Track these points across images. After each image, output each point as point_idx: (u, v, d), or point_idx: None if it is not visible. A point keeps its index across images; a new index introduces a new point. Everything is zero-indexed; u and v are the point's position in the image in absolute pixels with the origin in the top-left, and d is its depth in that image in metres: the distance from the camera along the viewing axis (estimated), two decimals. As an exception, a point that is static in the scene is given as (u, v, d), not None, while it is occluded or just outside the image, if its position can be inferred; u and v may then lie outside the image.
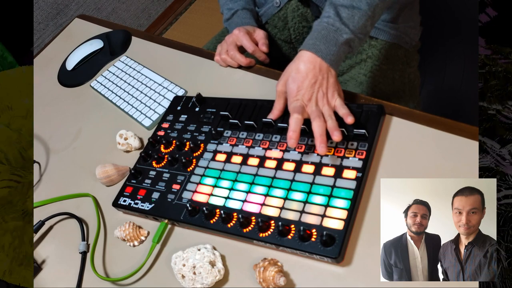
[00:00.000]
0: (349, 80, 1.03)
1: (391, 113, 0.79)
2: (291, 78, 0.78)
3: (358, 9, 0.79)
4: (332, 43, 0.78)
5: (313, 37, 0.79)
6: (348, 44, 0.79)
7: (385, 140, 0.76)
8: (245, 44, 0.97)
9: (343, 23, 0.78)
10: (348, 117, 0.73)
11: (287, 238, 0.68)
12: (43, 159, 1.03)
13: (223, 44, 1.01)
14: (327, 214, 0.68)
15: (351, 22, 0.78)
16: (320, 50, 0.77)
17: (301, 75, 0.77)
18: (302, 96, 0.76)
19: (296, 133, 0.73)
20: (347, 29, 0.78)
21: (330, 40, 0.78)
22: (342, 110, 0.75)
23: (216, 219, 0.74)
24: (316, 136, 0.72)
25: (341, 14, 0.78)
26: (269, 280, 0.64)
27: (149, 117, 0.99)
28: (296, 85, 0.77)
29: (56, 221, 0.90)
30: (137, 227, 0.81)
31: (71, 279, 0.80)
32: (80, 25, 1.38)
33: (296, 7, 1.02)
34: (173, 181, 0.82)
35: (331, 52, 0.77)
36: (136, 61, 1.14)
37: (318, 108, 0.75)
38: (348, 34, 0.78)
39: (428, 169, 0.70)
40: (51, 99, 1.18)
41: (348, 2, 0.79)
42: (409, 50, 1.07)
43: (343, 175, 0.71)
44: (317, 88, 0.76)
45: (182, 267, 0.70)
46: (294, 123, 0.73)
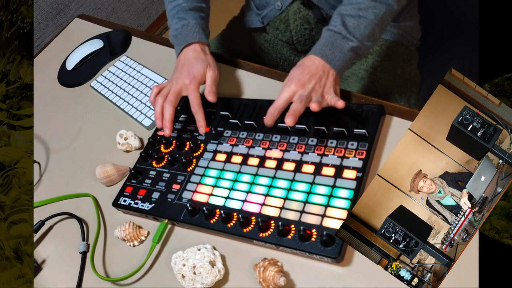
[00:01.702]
0: (350, 76, 1.04)
1: (391, 113, 0.79)
2: (294, 68, 0.80)
3: (365, 19, 0.80)
4: (338, 49, 0.79)
5: (320, 44, 0.81)
6: (355, 51, 0.80)
7: (385, 140, 0.76)
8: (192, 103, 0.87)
9: (349, 32, 0.80)
10: (338, 102, 0.74)
11: (287, 238, 0.68)
12: (43, 159, 1.03)
13: (165, 88, 0.90)
14: (327, 214, 0.68)
15: (357, 31, 0.80)
16: (326, 55, 0.79)
17: (305, 66, 0.79)
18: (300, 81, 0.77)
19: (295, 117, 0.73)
20: (353, 38, 0.79)
21: (336, 47, 0.79)
22: (334, 99, 0.75)
23: (216, 219, 0.74)
24: (290, 110, 0.74)
25: (347, 24, 0.80)
26: (269, 280, 0.64)
27: (149, 117, 0.99)
28: (297, 72, 0.78)
29: (56, 221, 0.90)
30: (137, 227, 0.81)
31: (71, 279, 0.80)
32: (80, 25, 1.38)
33: (297, 10, 1.02)
34: (173, 181, 0.82)
35: (336, 58, 0.79)
36: (136, 61, 1.14)
37: (307, 96, 0.76)
38: (354, 42, 0.79)
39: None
40: (51, 99, 1.18)
41: (354, 12, 0.80)
42: (410, 48, 1.08)
43: (343, 175, 0.71)
44: (316, 80, 0.77)
45: (182, 267, 0.70)
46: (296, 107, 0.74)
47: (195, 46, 0.93)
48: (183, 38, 0.94)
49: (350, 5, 0.82)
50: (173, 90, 0.88)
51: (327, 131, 0.77)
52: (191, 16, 0.97)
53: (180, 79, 0.89)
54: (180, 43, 0.94)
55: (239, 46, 1.22)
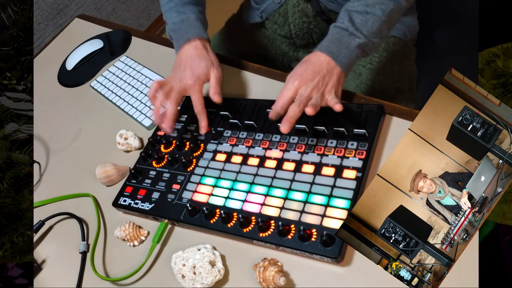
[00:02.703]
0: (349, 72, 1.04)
1: (391, 113, 0.79)
2: (299, 64, 0.79)
3: (372, 15, 0.80)
4: (345, 46, 0.79)
5: (327, 40, 0.81)
6: (362, 48, 0.80)
7: (385, 140, 0.76)
8: (195, 104, 0.86)
9: (356, 29, 0.79)
10: (336, 105, 0.74)
11: (287, 238, 0.68)
12: (43, 159, 1.03)
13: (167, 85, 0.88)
14: (327, 214, 0.68)
15: (365, 27, 0.79)
16: (332, 52, 0.78)
17: (310, 63, 0.78)
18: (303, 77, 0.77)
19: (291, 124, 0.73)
20: (360, 34, 0.79)
21: (342, 44, 0.79)
22: (333, 100, 0.75)
23: (216, 219, 0.74)
24: (286, 116, 0.73)
25: (354, 20, 0.80)
26: (269, 280, 0.64)
27: (149, 117, 0.99)
28: (301, 69, 0.78)
29: (56, 221, 0.90)
30: (137, 227, 0.81)
31: (71, 279, 0.80)
32: (80, 25, 1.38)
33: (296, 3, 1.03)
34: (173, 181, 0.82)
35: (342, 54, 0.78)
36: (136, 61, 1.14)
37: (308, 96, 0.75)
38: (361, 39, 0.79)
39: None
40: (51, 99, 1.18)
41: (362, 8, 0.80)
42: (407, 44, 1.08)
43: (343, 175, 0.71)
44: (319, 79, 0.77)
45: (182, 267, 0.70)
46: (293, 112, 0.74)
47: (196, 43, 0.91)
48: (183, 34, 0.92)
49: (357, 2, 0.82)
50: (177, 90, 0.87)
51: (327, 131, 0.77)
52: (190, 10, 0.95)
53: (184, 79, 0.88)
54: (180, 39, 0.92)
55: (238, 44, 1.22)
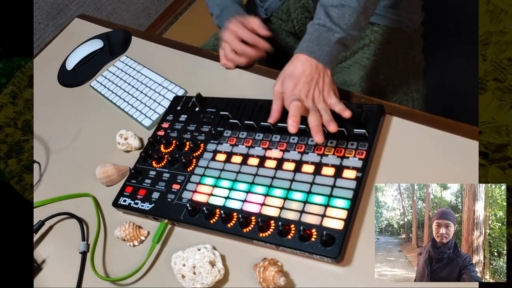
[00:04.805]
0: (353, 64, 1.04)
1: (391, 113, 0.79)
2: (287, 76, 0.79)
3: (348, 7, 0.79)
4: (325, 43, 0.79)
5: (306, 40, 0.80)
6: (342, 43, 0.80)
7: (385, 140, 0.76)
8: (245, 36, 0.94)
9: (334, 23, 0.79)
10: (345, 112, 0.74)
11: (287, 238, 0.68)
12: (43, 159, 1.03)
13: (224, 44, 0.98)
14: (327, 214, 0.68)
15: (342, 21, 0.79)
16: (314, 52, 0.78)
17: (298, 73, 0.78)
18: (299, 92, 0.76)
19: (297, 118, 0.72)
20: (338, 28, 0.79)
21: (322, 41, 0.79)
22: (338, 106, 0.75)
23: (216, 219, 0.74)
24: (312, 127, 0.72)
25: (331, 14, 0.79)
26: (269, 280, 0.64)
27: (149, 117, 0.99)
28: (292, 82, 0.77)
29: (56, 221, 0.90)
30: (137, 227, 0.81)
31: (71, 279, 0.80)
32: (80, 25, 1.38)
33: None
34: (173, 181, 0.82)
35: (324, 53, 0.78)
36: (136, 61, 1.14)
37: (315, 105, 0.76)
38: (340, 33, 0.79)
39: (428, 169, 0.70)
40: (51, 99, 1.18)
41: (337, 2, 0.80)
42: (412, 35, 1.07)
43: (343, 175, 0.71)
44: (314, 86, 0.77)
45: (182, 267, 0.70)
46: (294, 109, 0.73)
47: (235, 18, 0.98)
48: (224, 19, 1.00)
49: None
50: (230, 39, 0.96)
51: (326, 131, 0.77)
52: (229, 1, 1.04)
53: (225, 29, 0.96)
54: (221, 25, 1.01)
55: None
